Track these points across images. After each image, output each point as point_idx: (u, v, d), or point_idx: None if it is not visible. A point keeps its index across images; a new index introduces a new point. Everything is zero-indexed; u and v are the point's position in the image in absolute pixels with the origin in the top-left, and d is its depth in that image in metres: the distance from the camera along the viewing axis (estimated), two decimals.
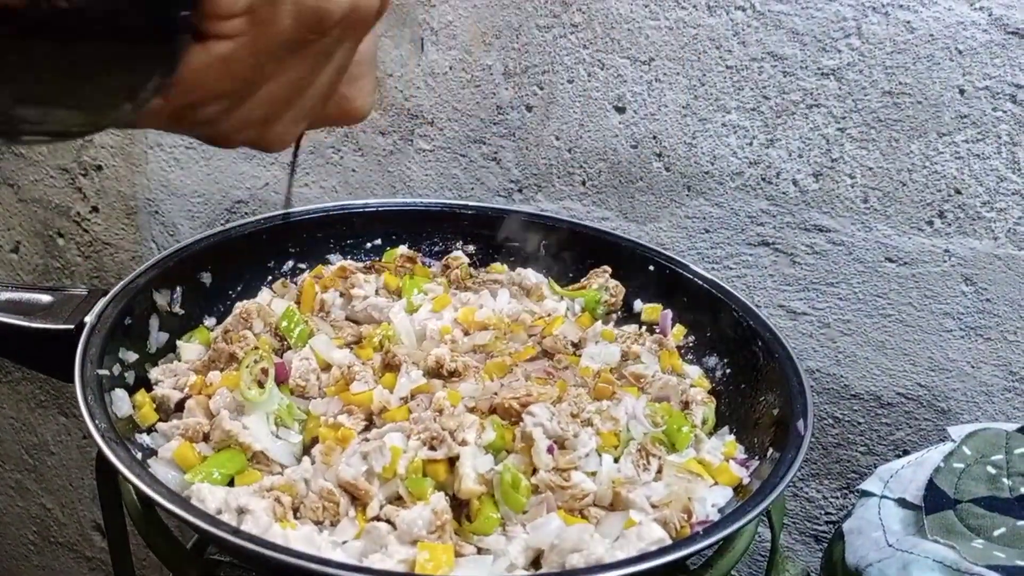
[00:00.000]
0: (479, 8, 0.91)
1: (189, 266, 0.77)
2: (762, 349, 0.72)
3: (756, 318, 0.75)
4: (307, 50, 0.38)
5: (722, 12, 0.82)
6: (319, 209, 0.87)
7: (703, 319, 0.80)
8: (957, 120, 0.78)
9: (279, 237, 0.84)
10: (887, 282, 0.85)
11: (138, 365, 0.70)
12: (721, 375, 0.77)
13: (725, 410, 0.74)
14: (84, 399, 0.59)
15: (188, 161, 1.14)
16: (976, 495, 0.64)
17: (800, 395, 0.66)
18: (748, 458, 0.67)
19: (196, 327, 0.77)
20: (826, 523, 0.96)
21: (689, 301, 0.81)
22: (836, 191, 0.84)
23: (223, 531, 0.51)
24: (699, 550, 0.54)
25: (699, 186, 0.89)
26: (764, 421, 0.69)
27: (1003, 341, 0.83)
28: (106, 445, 0.55)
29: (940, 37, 0.76)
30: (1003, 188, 0.78)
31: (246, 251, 0.81)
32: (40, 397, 1.48)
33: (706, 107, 0.86)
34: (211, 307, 0.79)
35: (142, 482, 0.53)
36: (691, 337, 0.81)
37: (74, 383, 0.61)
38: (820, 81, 0.81)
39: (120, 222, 1.23)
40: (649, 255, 0.84)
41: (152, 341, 0.73)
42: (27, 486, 1.58)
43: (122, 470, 0.54)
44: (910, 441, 0.90)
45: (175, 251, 0.77)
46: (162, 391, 0.69)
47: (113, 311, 0.68)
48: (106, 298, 0.69)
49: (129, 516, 0.63)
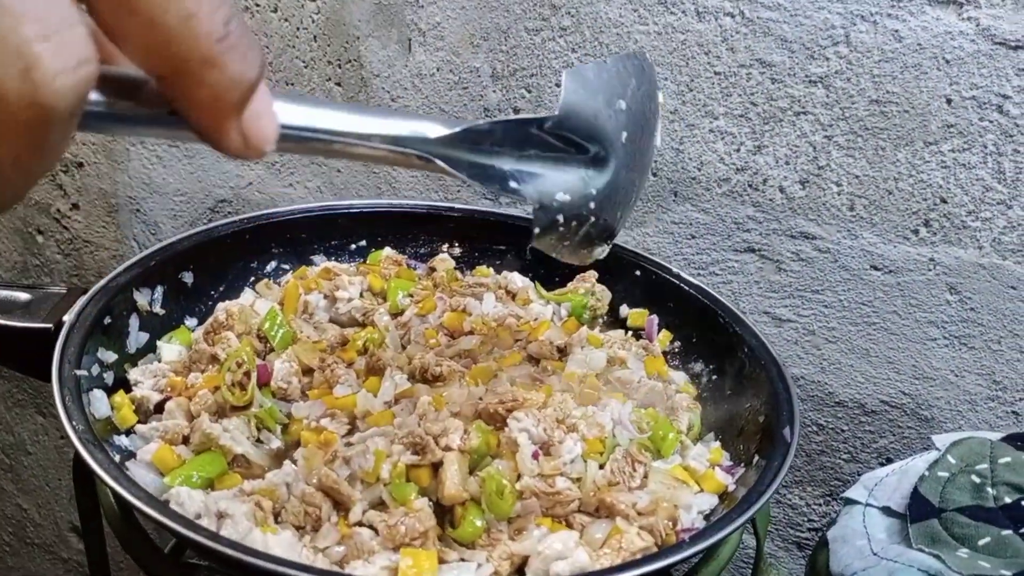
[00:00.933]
0: (467, 10, 0.91)
1: (171, 265, 0.76)
2: (748, 355, 0.72)
3: (742, 324, 0.75)
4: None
5: (711, 18, 0.82)
6: (303, 209, 0.86)
7: (689, 325, 0.80)
8: (944, 129, 0.78)
9: (262, 237, 0.83)
10: (872, 290, 0.85)
11: (117, 366, 0.69)
12: (707, 381, 0.77)
13: (711, 416, 0.74)
14: (61, 400, 0.58)
15: (171, 159, 1.13)
16: (961, 504, 0.64)
17: (786, 402, 0.66)
18: (734, 465, 0.67)
19: (177, 327, 0.76)
20: (809, 530, 0.96)
21: (675, 306, 0.81)
22: (822, 199, 0.84)
23: (202, 536, 0.50)
24: (685, 558, 0.54)
25: (686, 192, 0.89)
26: (750, 428, 0.69)
27: (987, 350, 0.83)
28: (83, 447, 0.54)
29: (928, 47, 0.76)
30: (988, 198, 0.79)
31: (229, 251, 0.81)
32: (17, 396, 1.46)
33: (694, 113, 0.86)
34: (192, 307, 0.79)
35: (120, 486, 0.52)
36: (677, 343, 0.81)
37: (51, 383, 0.60)
38: (808, 89, 0.81)
39: (101, 220, 1.22)
40: (635, 260, 0.83)
41: (132, 341, 0.72)
42: (3, 486, 1.56)
43: (100, 473, 0.53)
44: (893, 449, 0.90)
45: (156, 250, 0.76)
46: (141, 392, 0.68)
47: (92, 310, 0.67)
48: (85, 297, 0.68)
49: (106, 519, 0.62)
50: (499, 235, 0.88)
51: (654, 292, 0.82)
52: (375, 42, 0.96)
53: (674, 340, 0.81)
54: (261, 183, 1.08)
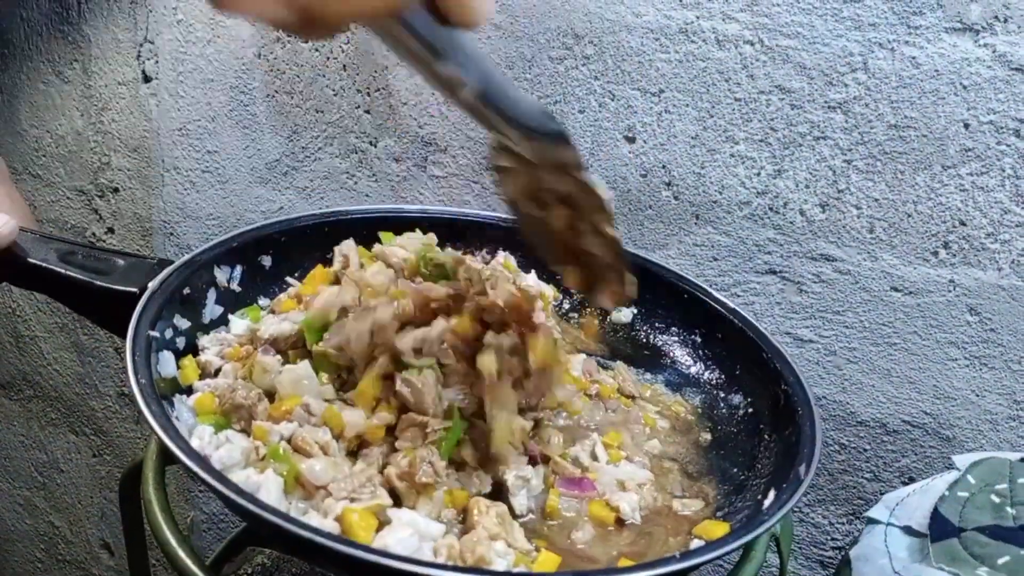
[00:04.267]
0: (493, 39, 0.93)
1: (252, 248, 0.81)
2: (784, 393, 0.73)
3: (782, 359, 0.75)
4: None
5: (731, 46, 0.84)
6: (379, 209, 0.90)
7: (735, 357, 0.81)
8: (962, 153, 0.79)
9: (339, 231, 0.86)
10: (893, 311, 0.86)
11: (190, 332, 0.73)
12: (744, 414, 0.78)
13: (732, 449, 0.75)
14: (132, 356, 0.63)
15: (204, 184, 1.16)
16: (980, 523, 0.65)
17: (810, 441, 0.66)
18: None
19: (250, 305, 0.80)
20: (832, 548, 0.97)
21: (716, 334, 0.82)
22: (842, 221, 0.85)
23: (282, 520, 0.51)
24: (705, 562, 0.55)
25: (707, 215, 0.90)
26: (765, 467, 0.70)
27: (1007, 370, 0.84)
28: (142, 397, 0.58)
29: (945, 72, 0.78)
30: (1007, 220, 0.80)
31: (307, 240, 0.85)
32: (51, 415, 1.49)
33: (715, 138, 0.87)
34: (267, 288, 0.83)
35: (167, 436, 0.55)
36: (719, 373, 0.82)
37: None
38: (827, 114, 0.83)
39: (136, 244, 1.25)
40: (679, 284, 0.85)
41: (207, 312, 0.76)
42: (36, 504, 1.59)
43: (151, 421, 0.56)
44: (915, 468, 0.91)
45: (240, 232, 0.81)
46: (206, 357, 0.72)
47: (175, 280, 0.72)
48: (170, 268, 0.73)
49: (148, 524, 0.65)
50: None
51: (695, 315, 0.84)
52: (403, 71, 0.99)
53: (712, 367, 0.82)
54: (292, 207, 1.11)
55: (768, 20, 0.82)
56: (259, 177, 1.13)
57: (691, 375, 0.83)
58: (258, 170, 1.12)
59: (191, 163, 1.16)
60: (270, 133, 1.10)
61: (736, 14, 0.83)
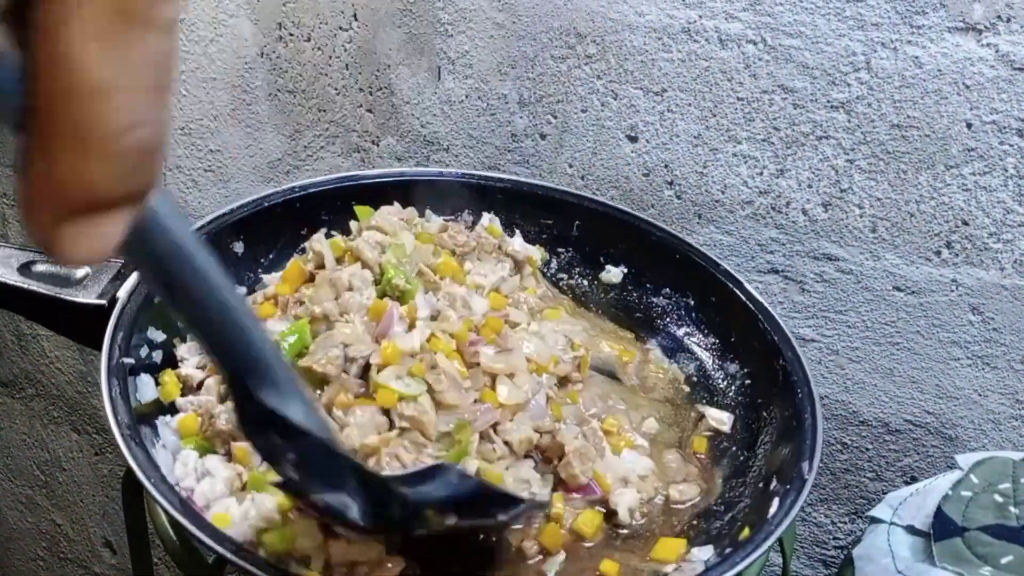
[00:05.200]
0: (495, 39, 0.93)
1: (223, 237, 0.77)
2: (783, 369, 0.73)
3: (782, 335, 0.75)
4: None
5: (734, 46, 0.84)
6: (352, 176, 0.86)
7: (730, 324, 0.80)
8: (964, 153, 0.79)
9: (312, 205, 0.83)
10: (895, 311, 0.86)
11: (167, 344, 0.71)
12: (741, 385, 0.78)
13: (739, 430, 0.75)
14: (109, 394, 0.60)
15: (206, 183, 1.16)
16: (984, 523, 0.65)
17: (812, 431, 0.67)
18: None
19: None
20: (834, 548, 0.97)
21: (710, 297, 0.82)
22: (845, 221, 0.85)
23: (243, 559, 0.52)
24: None
25: (710, 214, 0.90)
26: (766, 448, 0.70)
27: (1009, 370, 0.84)
28: (126, 446, 0.58)
29: (948, 72, 0.78)
30: (1009, 220, 0.80)
31: (279, 219, 0.81)
32: (53, 413, 1.50)
33: (717, 137, 0.87)
34: (242, 275, 0.80)
35: (165, 499, 0.55)
36: (713, 338, 0.82)
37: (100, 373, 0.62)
38: (830, 113, 0.83)
39: None
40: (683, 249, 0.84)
41: None
42: (38, 502, 1.59)
43: (134, 468, 0.57)
44: (918, 468, 0.91)
45: (208, 221, 0.76)
46: (186, 370, 0.69)
47: (144, 287, 0.68)
48: (138, 273, 0.70)
49: (153, 524, 0.65)
50: (544, 210, 0.88)
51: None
52: (405, 70, 0.99)
53: (709, 334, 0.82)
54: None
55: (771, 19, 0.82)
56: (261, 176, 1.13)
57: (684, 340, 0.83)
58: (260, 169, 1.12)
59: (193, 162, 1.16)
60: (272, 132, 1.10)
61: (739, 13, 0.83)
